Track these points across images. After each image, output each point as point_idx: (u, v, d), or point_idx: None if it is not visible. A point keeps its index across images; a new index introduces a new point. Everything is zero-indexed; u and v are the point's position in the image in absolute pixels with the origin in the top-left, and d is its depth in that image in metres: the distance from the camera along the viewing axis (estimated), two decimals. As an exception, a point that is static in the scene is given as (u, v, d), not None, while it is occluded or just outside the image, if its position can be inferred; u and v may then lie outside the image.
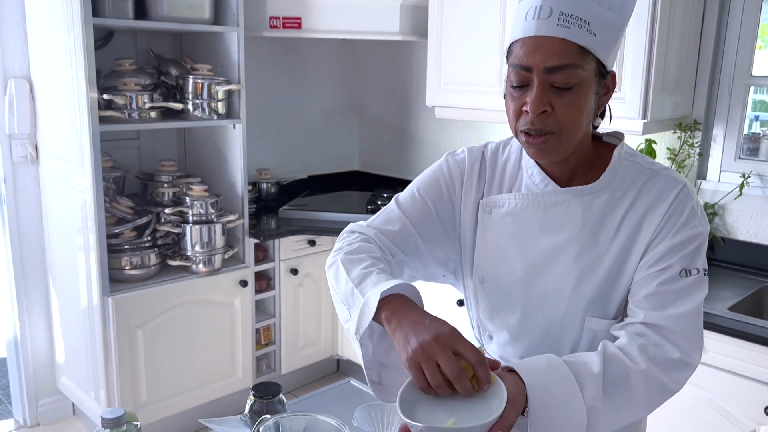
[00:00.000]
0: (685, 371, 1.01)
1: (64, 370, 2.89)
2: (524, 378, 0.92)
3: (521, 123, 1.01)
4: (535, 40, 0.97)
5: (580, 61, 0.96)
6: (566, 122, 0.99)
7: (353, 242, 1.11)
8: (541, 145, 1.01)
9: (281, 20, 2.97)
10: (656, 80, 2.29)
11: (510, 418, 0.87)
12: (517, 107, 1.01)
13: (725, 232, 2.53)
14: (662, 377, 0.99)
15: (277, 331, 3.10)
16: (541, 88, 0.97)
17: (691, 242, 1.03)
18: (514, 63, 1.00)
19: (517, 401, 0.89)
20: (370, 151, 3.84)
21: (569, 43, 0.95)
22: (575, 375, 0.95)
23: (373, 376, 1.03)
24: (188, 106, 2.67)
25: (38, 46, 2.62)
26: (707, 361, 2.00)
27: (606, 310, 1.08)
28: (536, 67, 0.97)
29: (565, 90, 0.97)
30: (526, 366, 0.95)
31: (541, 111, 0.98)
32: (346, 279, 1.04)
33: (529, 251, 1.10)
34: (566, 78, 0.96)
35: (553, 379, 0.94)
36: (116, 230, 2.57)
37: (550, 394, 0.92)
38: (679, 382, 1.01)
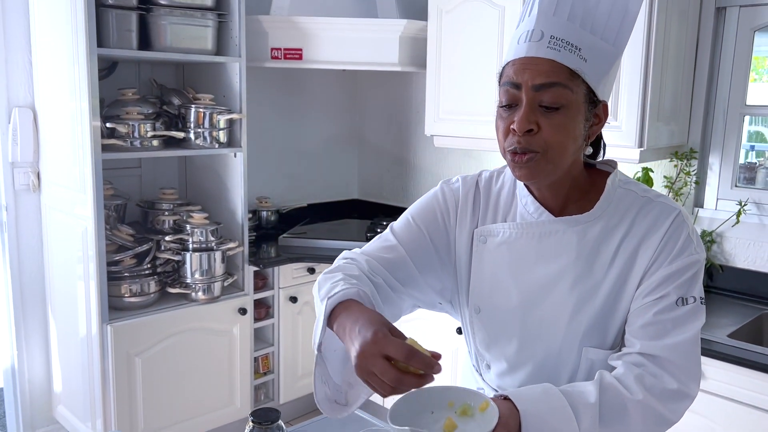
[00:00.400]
0: (683, 402, 1.01)
1: (60, 398, 2.87)
2: (518, 405, 0.92)
3: (508, 142, 1.02)
4: (526, 60, 0.99)
5: (568, 83, 0.98)
6: (552, 142, 0.99)
7: (336, 264, 1.13)
8: (525, 164, 1.01)
9: (282, 51, 3.02)
10: (652, 109, 2.32)
11: None
12: (506, 126, 1.02)
13: (723, 259, 2.54)
14: (659, 408, 0.99)
15: (276, 360, 3.09)
16: (529, 107, 0.99)
17: (687, 270, 1.04)
18: (504, 82, 1.02)
19: (510, 424, 0.89)
20: (370, 180, 3.87)
21: (558, 64, 0.98)
22: (571, 404, 0.95)
23: (340, 399, 1.03)
24: (190, 135, 2.70)
25: (43, 75, 2.66)
26: (707, 389, 1.99)
27: (603, 339, 1.08)
28: (525, 84, 0.98)
29: (553, 110, 0.98)
30: (521, 394, 0.95)
31: (527, 129, 0.99)
32: (317, 295, 1.06)
33: (525, 281, 1.10)
34: (554, 97, 0.98)
35: (549, 407, 0.94)
36: (116, 257, 2.58)
37: (545, 422, 0.92)
38: (676, 413, 1.01)
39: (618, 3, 1.01)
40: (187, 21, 2.61)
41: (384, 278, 1.13)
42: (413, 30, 3.00)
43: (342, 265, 1.11)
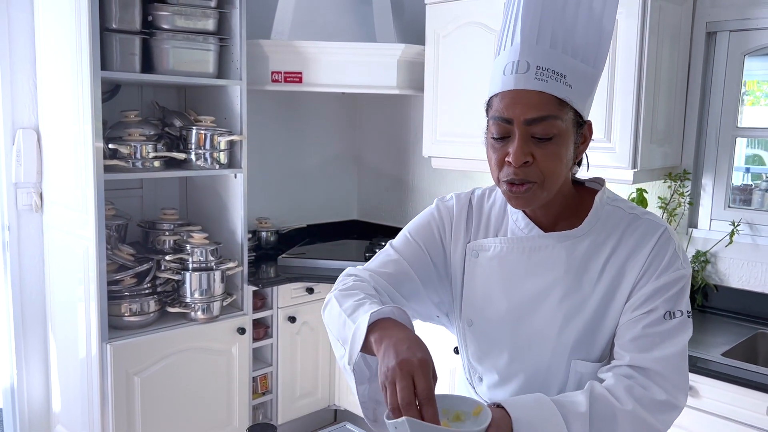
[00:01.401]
0: (671, 413, 1.03)
1: (59, 418, 2.87)
2: (511, 413, 0.94)
3: (503, 174, 1.05)
4: (514, 93, 1.01)
5: (558, 112, 1.01)
6: (547, 171, 1.03)
7: (348, 283, 1.15)
8: (523, 194, 1.04)
9: (283, 74, 3.08)
10: (645, 131, 2.37)
11: None
12: (499, 158, 1.05)
13: (718, 279, 2.56)
14: (649, 418, 1.01)
15: (275, 380, 3.10)
16: (523, 140, 1.01)
17: (674, 285, 1.06)
18: (494, 116, 1.04)
19: (501, 428, 0.91)
20: (369, 201, 3.91)
21: (547, 95, 1.00)
22: (562, 413, 0.97)
23: (369, 415, 1.05)
24: (191, 156, 2.75)
25: (47, 97, 2.71)
26: (701, 407, 2.00)
27: (591, 352, 1.11)
28: (517, 119, 1.01)
29: (546, 140, 1.01)
30: (514, 402, 0.98)
31: (523, 162, 1.01)
32: (339, 312, 1.06)
33: (515, 294, 1.13)
34: (546, 129, 1.01)
35: (540, 415, 0.96)
36: (117, 277, 2.61)
37: (536, 430, 0.94)
38: (665, 423, 1.03)
39: (593, 22, 1.04)
40: (189, 45, 2.67)
41: (389, 294, 1.15)
42: (411, 54, 3.06)
43: (356, 284, 1.13)
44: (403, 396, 0.86)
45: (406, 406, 0.86)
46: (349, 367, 1.00)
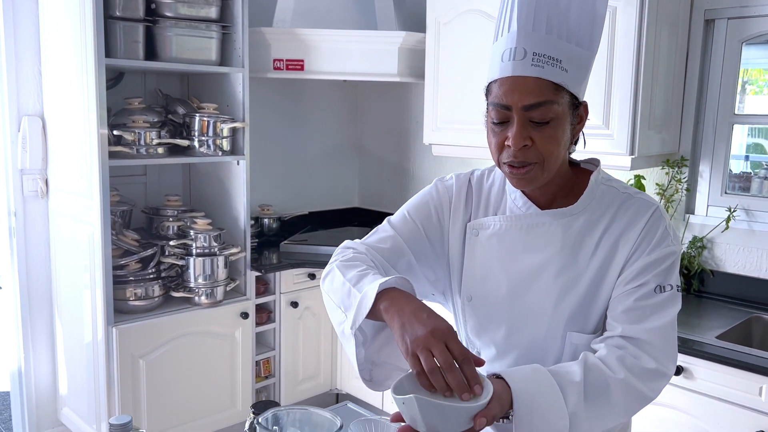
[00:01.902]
0: (660, 381, 1.08)
1: (66, 401, 2.92)
2: (510, 383, 0.99)
3: (504, 156, 1.09)
4: (512, 80, 1.05)
5: (555, 97, 1.04)
6: (546, 153, 1.07)
7: (347, 255, 1.18)
8: (524, 175, 1.08)
9: (285, 62, 3.10)
10: (643, 118, 2.39)
11: (494, 410, 0.93)
12: (499, 142, 1.09)
13: (714, 264, 2.60)
14: (639, 386, 1.05)
15: (277, 364, 3.14)
16: (521, 124, 1.05)
17: (664, 260, 1.11)
18: (494, 102, 1.08)
19: (502, 399, 0.96)
20: (370, 188, 3.94)
21: (544, 81, 1.04)
22: (558, 383, 1.01)
23: (365, 375, 1.09)
24: (194, 143, 2.78)
25: (52, 85, 2.74)
26: (696, 388, 2.04)
27: (586, 324, 1.15)
28: (515, 106, 1.05)
29: (543, 124, 1.05)
30: (513, 373, 1.02)
31: (522, 145, 1.05)
32: (342, 281, 1.10)
33: (513, 270, 1.17)
34: (543, 113, 1.04)
35: (538, 385, 1.00)
36: (122, 262, 2.65)
37: (534, 399, 0.98)
38: (655, 391, 1.08)
39: (586, 6, 1.07)
40: (192, 33, 2.70)
41: (384, 269, 1.19)
42: (412, 42, 3.08)
43: (357, 256, 1.17)
44: (444, 359, 0.92)
45: (448, 367, 0.91)
46: (350, 331, 1.04)
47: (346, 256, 1.18)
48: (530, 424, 0.98)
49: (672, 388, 2.09)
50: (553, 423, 0.99)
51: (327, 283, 1.17)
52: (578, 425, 1.01)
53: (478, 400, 0.93)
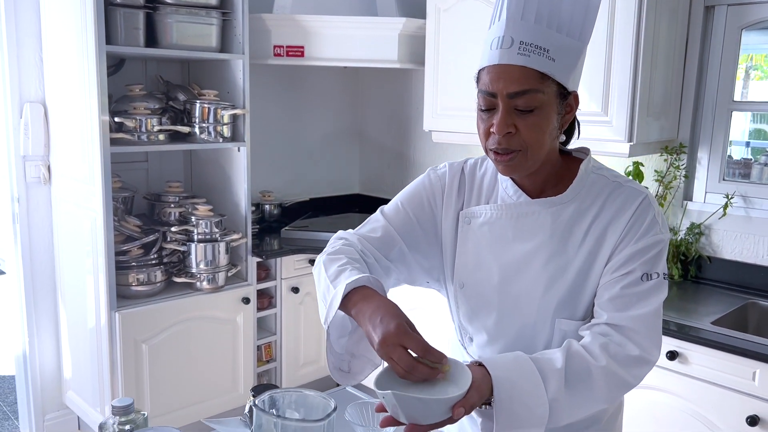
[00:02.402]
0: (644, 368, 1.10)
1: (70, 385, 2.97)
2: (491, 371, 1.01)
3: (490, 143, 1.11)
4: (498, 68, 1.07)
5: (539, 86, 1.06)
6: (530, 141, 1.08)
7: (336, 246, 1.21)
8: (508, 162, 1.10)
9: (285, 49, 3.11)
10: (642, 104, 2.40)
11: (472, 399, 0.96)
12: (486, 128, 1.10)
13: (711, 251, 2.62)
14: (622, 373, 1.07)
15: (278, 349, 3.18)
16: (506, 112, 1.07)
17: (652, 248, 1.12)
18: (481, 89, 1.10)
19: (482, 388, 0.98)
20: (370, 175, 3.96)
21: (529, 69, 1.05)
22: (539, 369, 1.04)
23: (344, 367, 1.12)
24: (195, 130, 2.79)
25: (53, 71, 2.75)
26: (690, 373, 2.07)
27: (574, 312, 1.17)
28: (500, 93, 1.06)
29: (528, 112, 1.07)
30: (494, 360, 1.04)
31: (506, 132, 1.07)
32: (324, 277, 1.13)
33: (504, 258, 1.19)
34: (528, 102, 1.06)
35: (518, 372, 1.03)
36: (124, 248, 2.67)
37: (515, 386, 1.01)
38: (637, 378, 1.10)
39: None
40: (192, 19, 2.70)
41: (375, 258, 1.21)
42: (412, 28, 3.08)
43: (343, 248, 1.19)
44: (403, 364, 0.95)
45: (412, 370, 0.95)
46: (324, 325, 1.08)
47: (334, 247, 1.20)
48: (510, 411, 1.00)
49: (667, 372, 2.12)
50: (533, 409, 1.01)
51: (315, 275, 1.20)
52: (559, 411, 1.03)
53: (455, 391, 0.95)
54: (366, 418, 1.27)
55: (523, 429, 1.01)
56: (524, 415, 1.00)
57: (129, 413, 1.11)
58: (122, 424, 1.11)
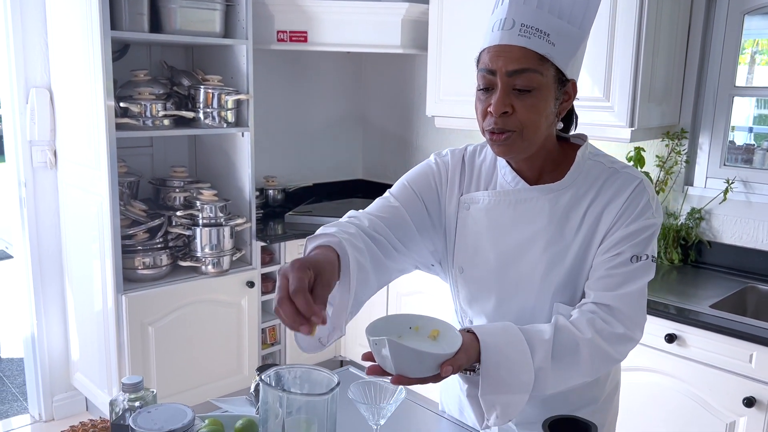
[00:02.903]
0: (627, 344, 1.14)
1: (78, 366, 3.02)
2: (479, 336, 1.04)
3: (486, 123, 1.13)
4: (499, 47, 1.09)
5: (538, 67, 1.08)
6: (526, 122, 1.10)
7: (340, 220, 1.21)
8: (503, 142, 1.12)
9: (288, 34, 3.12)
10: (643, 90, 2.41)
11: (460, 360, 0.99)
12: (484, 108, 1.13)
13: (711, 235, 2.64)
14: (607, 348, 1.11)
15: (283, 332, 3.22)
16: (504, 91, 1.09)
17: (643, 232, 1.15)
18: (481, 68, 1.13)
19: (470, 351, 1.02)
20: (373, 160, 3.98)
21: (529, 51, 1.07)
22: (527, 339, 1.07)
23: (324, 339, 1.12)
24: (199, 115, 2.82)
25: (58, 57, 2.77)
26: (688, 355, 2.10)
27: (572, 296, 1.20)
28: (499, 71, 1.09)
29: (525, 92, 1.09)
30: (483, 327, 1.08)
31: (502, 111, 1.09)
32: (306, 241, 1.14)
33: (502, 243, 1.21)
34: (526, 81, 1.08)
35: (507, 340, 1.06)
36: (130, 232, 2.71)
37: (502, 352, 1.04)
38: (622, 354, 1.14)
39: None
40: (196, 4, 2.71)
41: (385, 236, 1.22)
42: (415, 13, 3.09)
43: (341, 222, 1.20)
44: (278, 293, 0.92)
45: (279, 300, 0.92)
46: None
47: (340, 221, 1.22)
48: (496, 377, 1.03)
49: (665, 355, 2.15)
50: (518, 375, 1.04)
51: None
52: (545, 380, 1.07)
53: (445, 349, 0.99)
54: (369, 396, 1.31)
55: (507, 394, 1.04)
56: (509, 381, 1.03)
57: (138, 390, 1.14)
58: (132, 400, 1.14)
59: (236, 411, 1.38)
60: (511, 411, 1.04)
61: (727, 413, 2.03)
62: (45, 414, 3.07)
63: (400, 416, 1.34)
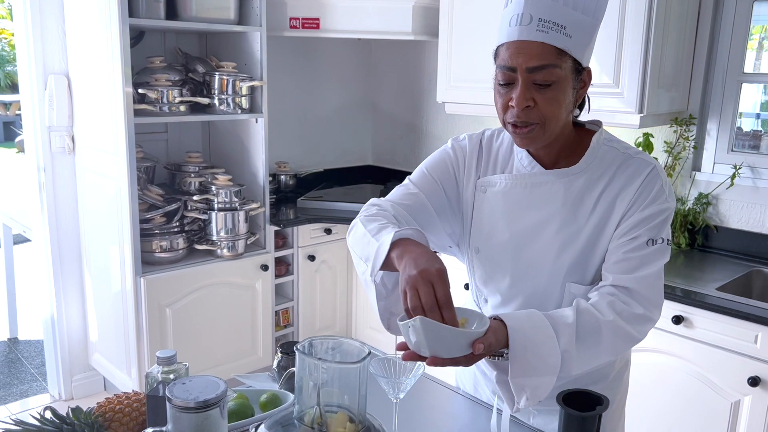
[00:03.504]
0: (647, 324, 1.19)
1: (96, 347, 3.09)
2: (507, 322, 1.09)
3: (508, 116, 1.17)
4: (518, 44, 1.12)
5: (557, 61, 1.12)
6: (548, 114, 1.15)
7: (371, 211, 1.28)
8: (526, 134, 1.16)
9: (300, 21, 3.15)
10: (652, 76, 2.44)
11: (490, 338, 1.03)
12: (504, 102, 1.17)
13: (718, 220, 2.68)
14: (627, 328, 1.16)
15: (295, 314, 3.29)
16: (525, 86, 1.13)
17: (657, 216, 1.20)
18: (500, 65, 1.16)
19: (498, 334, 1.06)
20: (383, 146, 4.02)
21: (548, 45, 1.11)
22: (552, 324, 1.12)
23: (384, 324, 1.20)
24: (214, 101, 2.86)
25: (76, 44, 2.82)
26: (695, 336, 2.15)
27: (583, 276, 1.25)
28: (519, 68, 1.12)
29: (546, 86, 1.13)
30: (509, 314, 1.13)
31: (525, 106, 1.13)
32: (363, 232, 1.20)
33: (517, 225, 1.26)
34: (546, 76, 1.12)
35: (533, 325, 1.11)
36: (147, 216, 2.77)
37: (529, 337, 1.09)
38: (642, 333, 1.19)
39: None
40: (210, -8, 2.75)
41: (408, 223, 1.28)
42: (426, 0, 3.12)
43: (380, 212, 1.26)
44: (426, 300, 0.99)
45: (429, 308, 0.99)
46: (370, 278, 1.14)
47: (370, 212, 1.27)
48: (524, 360, 1.08)
49: (672, 336, 2.20)
50: (546, 359, 1.09)
51: (351, 236, 1.26)
52: (570, 362, 1.11)
53: (476, 328, 1.03)
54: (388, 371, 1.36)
55: (536, 377, 1.09)
56: (537, 365, 1.08)
57: (172, 363, 1.20)
58: (165, 373, 1.20)
59: (260, 386, 1.44)
60: (540, 393, 1.09)
61: (732, 392, 2.09)
62: (64, 393, 3.15)
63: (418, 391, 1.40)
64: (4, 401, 3.27)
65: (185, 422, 1.03)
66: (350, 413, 0.88)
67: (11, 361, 3.75)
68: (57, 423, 1.13)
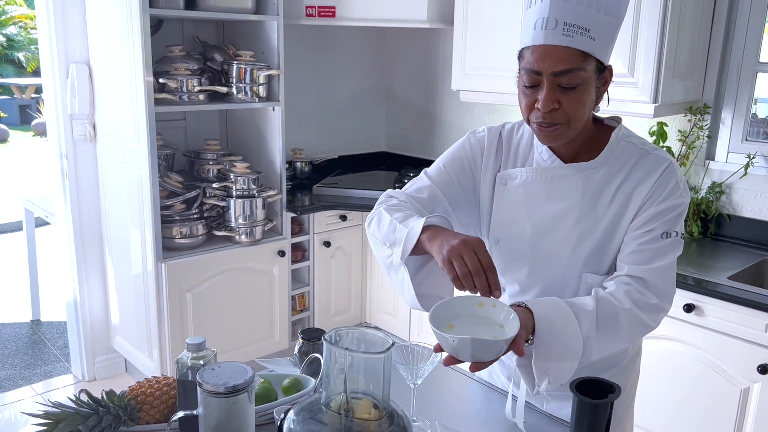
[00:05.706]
0: (660, 313, 1.24)
1: (118, 330, 3.17)
2: (532, 309, 1.14)
3: (533, 116, 1.21)
4: (544, 48, 1.15)
5: (582, 64, 1.15)
6: (573, 114, 1.18)
7: (392, 202, 1.33)
8: (552, 133, 1.20)
9: (317, 9, 3.18)
10: (667, 66, 2.45)
11: (522, 337, 1.08)
12: (530, 103, 1.20)
13: (731, 209, 2.70)
14: (643, 316, 1.21)
15: (311, 299, 3.35)
16: (550, 89, 1.16)
17: (672, 210, 1.24)
18: (525, 67, 1.19)
19: (527, 325, 1.11)
20: (397, 133, 4.05)
21: (573, 49, 1.14)
22: (574, 311, 1.17)
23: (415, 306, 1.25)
24: (232, 90, 2.90)
25: (97, 33, 2.86)
26: (706, 325, 2.19)
27: (600, 267, 1.29)
28: (545, 72, 1.15)
29: (571, 89, 1.16)
30: (534, 302, 1.17)
31: (551, 108, 1.17)
32: (389, 220, 1.25)
33: (537, 217, 1.31)
34: (571, 79, 1.15)
35: (556, 312, 1.15)
36: (168, 203, 2.82)
37: (553, 324, 1.14)
38: (656, 321, 1.24)
39: None
40: (228, -19, 2.78)
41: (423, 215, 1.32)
42: (442, -12, 3.13)
43: (400, 203, 1.32)
44: (472, 264, 1.06)
45: (476, 272, 1.06)
46: (400, 261, 1.20)
47: (390, 203, 1.33)
48: (549, 346, 1.13)
49: (683, 324, 2.24)
50: (569, 344, 1.14)
51: (374, 224, 1.31)
52: (591, 347, 1.17)
53: (507, 334, 1.06)
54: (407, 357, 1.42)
55: (559, 362, 1.14)
56: (561, 350, 1.13)
57: (201, 350, 1.26)
58: (195, 359, 1.26)
59: (282, 371, 1.49)
60: (563, 377, 1.14)
61: (742, 380, 2.13)
62: (87, 374, 3.24)
63: (435, 377, 1.45)
64: (29, 381, 3.37)
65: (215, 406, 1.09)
66: (374, 400, 0.93)
67: (35, 342, 3.86)
68: (93, 405, 1.19)
